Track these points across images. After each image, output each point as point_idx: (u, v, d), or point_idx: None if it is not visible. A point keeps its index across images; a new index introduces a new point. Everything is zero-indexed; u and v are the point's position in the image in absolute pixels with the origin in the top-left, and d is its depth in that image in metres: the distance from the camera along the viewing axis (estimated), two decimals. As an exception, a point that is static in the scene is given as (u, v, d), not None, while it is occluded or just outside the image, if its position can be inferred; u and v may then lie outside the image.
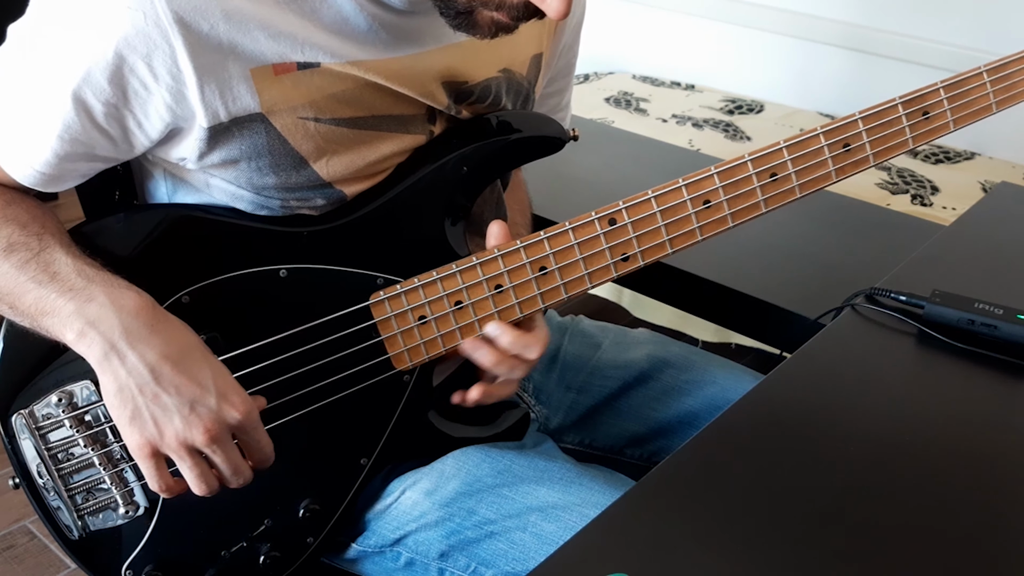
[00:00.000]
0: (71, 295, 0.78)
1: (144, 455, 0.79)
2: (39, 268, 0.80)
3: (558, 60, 1.06)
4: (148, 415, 0.78)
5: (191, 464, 0.80)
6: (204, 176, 0.86)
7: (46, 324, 0.80)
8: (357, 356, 0.89)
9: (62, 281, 0.79)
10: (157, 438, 0.78)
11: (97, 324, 0.77)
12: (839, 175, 0.89)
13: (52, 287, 0.79)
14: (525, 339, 0.89)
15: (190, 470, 0.80)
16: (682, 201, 0.89)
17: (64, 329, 0.78)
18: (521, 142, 0.93)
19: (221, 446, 0.80)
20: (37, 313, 0.79)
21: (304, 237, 0.88)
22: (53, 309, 0.79)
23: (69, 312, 0.78)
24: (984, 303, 1.00)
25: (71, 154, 0.82)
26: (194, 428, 0.78)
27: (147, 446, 0.79)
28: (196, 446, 0.79)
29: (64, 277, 0.79)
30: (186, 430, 0.78)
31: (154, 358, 0.77)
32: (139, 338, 0.78)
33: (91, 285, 0.79)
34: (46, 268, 0.80)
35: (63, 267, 0.80)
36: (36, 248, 0.81)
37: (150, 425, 0.78)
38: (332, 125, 0.84)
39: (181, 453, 0.79)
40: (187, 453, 0.79)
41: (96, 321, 0.77)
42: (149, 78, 0.78)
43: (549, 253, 0.89)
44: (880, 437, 0.87)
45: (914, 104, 0.89)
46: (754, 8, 2.82)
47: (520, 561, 0.90)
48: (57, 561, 1.81)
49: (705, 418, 1.08)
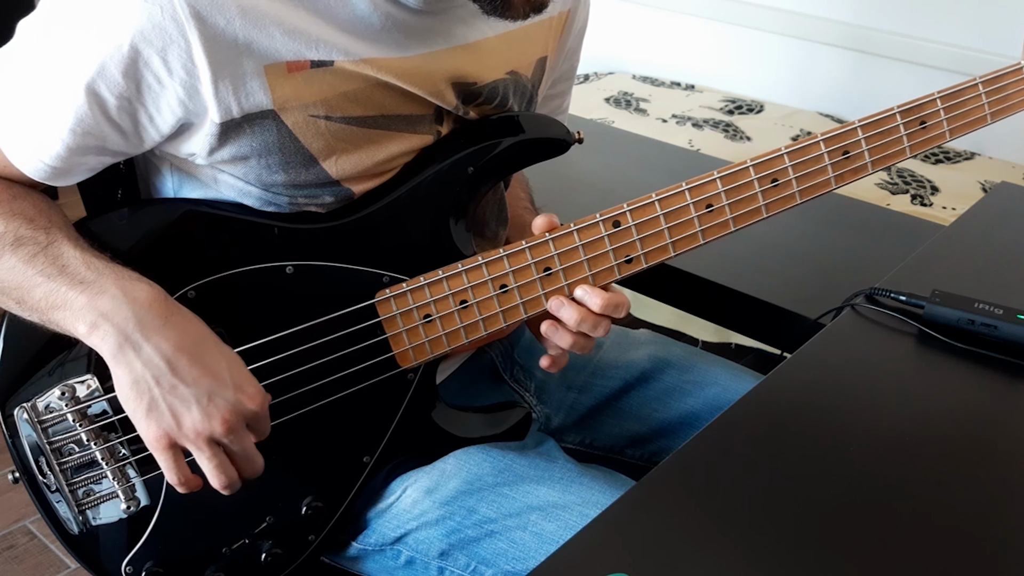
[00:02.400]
0: (82, 288, 0.78)
1: (162, 447, 0.79)
2: (47, 262, 0.80)
3: (562, 64, 1.07)
4: (165, 407, 0.78)
5: (210, 455, 0.79)
6: (212, 172, 0.86)
7: (56, 318, 0.79)
8: (362, 354, 0.90)
9: (72, 274, 0.79)
10: (175, 430, 0.78)
11: (110, 316, 0.77)
12: (838, 182, 0.91)
13: (62, 280, 0.79)
14: (616, 298, 0.89)
15: (208, 461, 0.80)
16: (685, 205, 0.89)
17: (76, 323, 0.78)
18: (526, 144, 0.93)
19: (238, 436, 0.80)
20: (47, 307, 0.79)
21: (311, 234, 0.88)
22: (64, 303, 0.78)
23: (81, 305, 0.78)
24: (984, 303, 1.00)
25: (82, 147, 0.82)
26: (213, 419, 0.78)
27: (165, 438, 0.78)
28: (215, 437, 0.79)
29: (73, 270, 0.79)
30: (204, 421, 0.78)
31: (170, 349, 0.77)
32: (153, 330, 0.77)
33: (102, 278, 0.79)
34: (55, 262, 0.80)
35: (72, 260, 0.80)
36: (44, 242, 0.81)
37: (168, 417, 0.78)
38: (342, 124, 0.84)
39: (199, 444, 0.79)
40: (205, 444, 0.79)
41: (109, 314, 0.77)
42: (163, 72, 0.78)
43: (554, 254, 0.89)
44: (880, 437, 0.87)
45: (912, 114, 0.91)
46: (754, 8, 2.82)
47: (520, 560, 0.90)
48: (57, 561, 1.80)
49: (706, 418, 1.08)
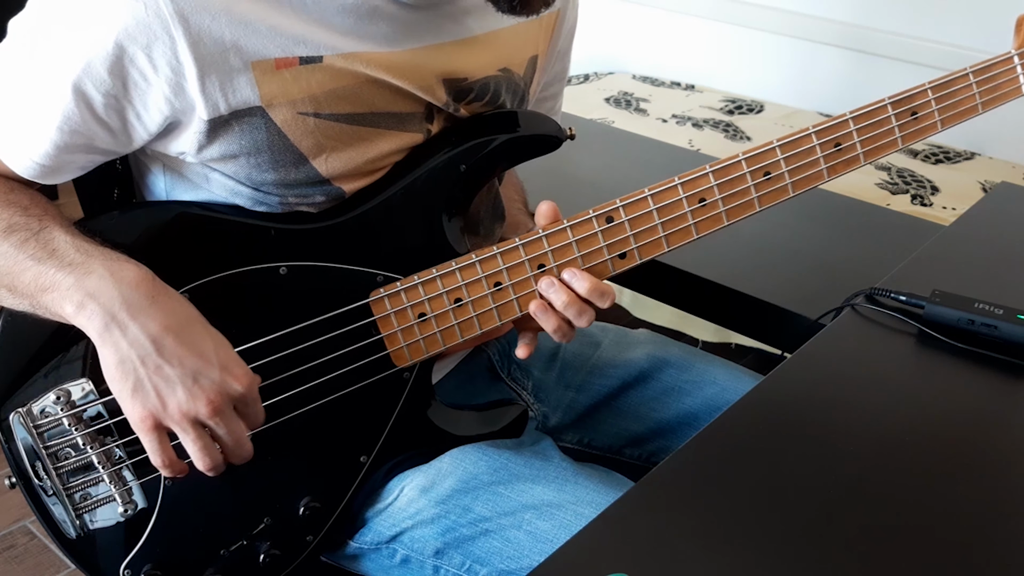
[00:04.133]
0: (70, 269, 0.78)
1: (146, 428, 0.78)
2: (38, 246, 0.80)
3: (553, 64, 1.07)
4: (150, 387, 0.77)
5: (194, 437, 0.79)
6: (203, 170, 0.86)
7: (45, 301, 0.79)
8: (357, 353, 0.89)
9: (61, 257, 0.79)
10: (160, 410, 0.78)
11: (97, 296, 0.77)
12: (831, 174, 0.91)
13: (51, 263, 0.79)
14: (602, 286, 0.89)
15: (193, 443, 0.79)
16: (678, 199, 0.89)
17: (63, 303, 0.78)
18: (519, 140, 0.93)
19: (224, 418, 0.79)
20: (36, 290, 0.79)
21: (304, 234, 0.88)
22: (52, 284, 0.78)
23: (68, 285, 0.78)
24: (984, 303, 1.00)
25: (70, 145, 0.82)
26: (198, 400, 0.77)
27: (149, 418, 0.78)
28: (200, 418, 0.78)
29: (63, 253, 0.79)
30: (189, 402, 0.77)
31: (156, 329, 0.77)
32: (140, 309, 0.77)
33: (89, 259, 0.79)
34: (45, 246, 0.80)
35: (61, 244, 0.80)
36: (36, 228, 0.81)
37: (152, 397, 0.77)
38: (332, 121, 0.84)
39: (184, 425, 0.78)
40: (190, 425, 0.78)
41: (96, 293, 0.77)
42: (149, 69, 0.78)
43: (547, 251, 0.89)
44: (880, 437, 0.87)
45: (903, 104, 0.91)
46: (754, 8, 2.82)
47: (514, 559, 0.90)
48: (57, 561, 1.80)
49: (704, 418, 1.08)
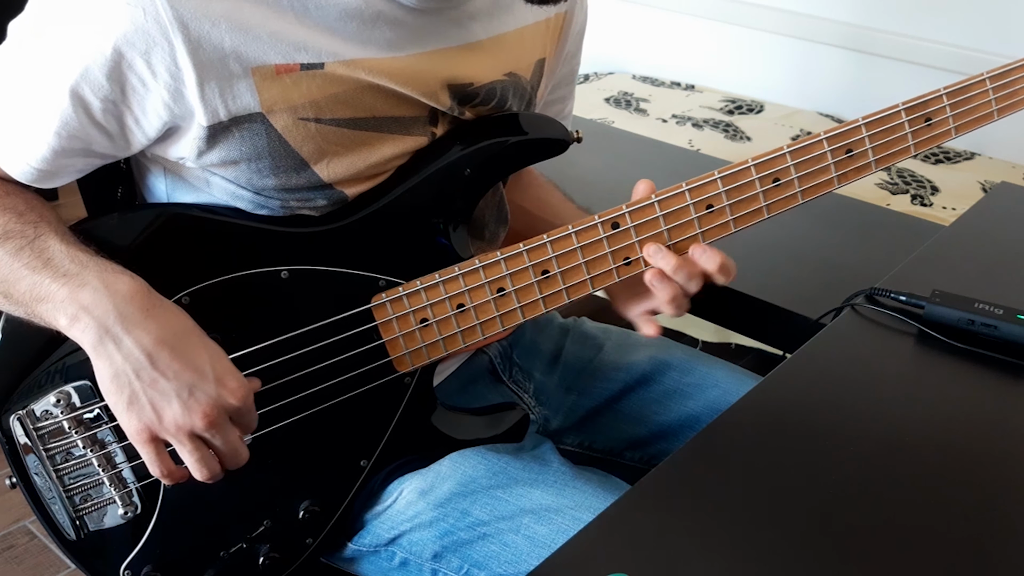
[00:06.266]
0: (64, 280, 0.78)
1: (142, 440, 0.79)
2: (33, 255, 0.79)
3: (561, 67, 1.06)
4: (146, 400, 0.77)
5: (191, 448, 0.79)
6: (204, 174, 0.86)
7: (40, 311, 0.79)
8: (359, 358, 0.89)
9: (55, 267, 0.79)
10: (156, 423, 0.78)
11: (91, 309, 0.77)
12: (841, 181, 0.89)
13: (45, 273, 0.79)
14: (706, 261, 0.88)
15: (190, 454, 0.79)
16: (685, 206, 0.88)
17: (57, 315, 0.78)
18: (524, 144, 0.92)
19: (220, 429, 0.79)
20: (31, 300, 0.79)
21: (306, 238, 0.87)
22: (47, 295, 0.78)
23: (62, 298, 0.77)
24: (984, 303, 1.00)
25: (67, 150, 0.82)
26: (193, 414, 0.77)
27: (145, 431, 0.78)
28: (195, 431, 0.78)
29: (57, 263, 0.79)
30: (185, 415, 0.77)
31: (150, 343, 0.77)
32: (134, 323, 0.77)
33: (84, 271, 0.78)
34: (40, 255, 0.79)
35: (57, 254, 0.79)
36: (31, 236, 0.81)
37: (148, 410, 0.77)
38: (333, 126, 0.84)
39: (180, 438, 0.78)
40: (186, 438, 0.78)
41: (90, 306, 0.77)
42: (147, 75, 0.78)
43: (552, 256, 0.89)
44: (880, 437, 0.87)
45: (917, 110, 0.88)
46: (754, 8, 2.82)
47: (512, 564, 0.89)
48: (57, 561, 1.81)
49: (706, 421, 1.07)
